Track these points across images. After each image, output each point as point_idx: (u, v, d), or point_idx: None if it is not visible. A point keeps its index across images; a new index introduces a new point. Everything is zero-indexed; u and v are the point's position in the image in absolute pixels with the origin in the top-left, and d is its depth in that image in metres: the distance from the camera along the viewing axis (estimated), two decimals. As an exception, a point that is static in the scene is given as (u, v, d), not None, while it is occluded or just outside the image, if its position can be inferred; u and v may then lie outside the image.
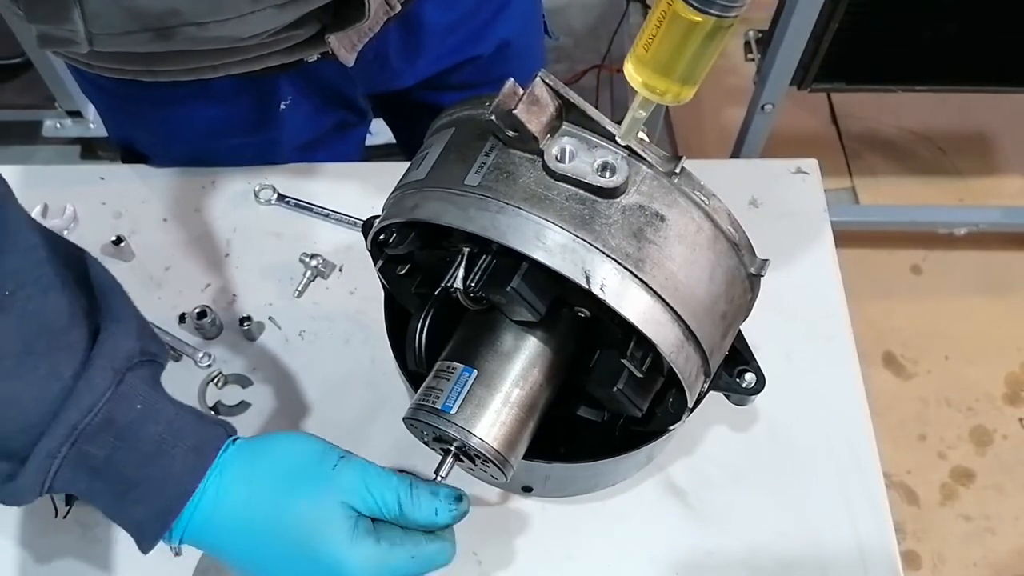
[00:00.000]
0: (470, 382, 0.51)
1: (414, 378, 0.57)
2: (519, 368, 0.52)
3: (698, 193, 0.48)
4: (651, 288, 0.46)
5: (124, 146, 0.87)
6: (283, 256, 0.76)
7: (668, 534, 0.66)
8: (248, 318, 0.72)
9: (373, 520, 0.49)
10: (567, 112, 0.48)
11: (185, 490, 0.46)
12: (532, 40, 0.91)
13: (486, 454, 0.50)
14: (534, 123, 0.46)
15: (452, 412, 0.50)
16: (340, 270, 0.77)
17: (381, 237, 0.53)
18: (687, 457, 0.68)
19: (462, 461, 0.53)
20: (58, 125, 1.73)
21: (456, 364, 0.52)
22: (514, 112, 0.45)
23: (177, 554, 0.63)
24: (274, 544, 0.47)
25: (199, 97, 0.76)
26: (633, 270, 0.45)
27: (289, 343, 0.73)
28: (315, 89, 0.79)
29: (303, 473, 0.48)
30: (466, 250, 0.50)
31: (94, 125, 1.73)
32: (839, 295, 0.76)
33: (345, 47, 0.66)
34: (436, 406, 0.51)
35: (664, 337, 0.47)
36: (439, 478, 0.51)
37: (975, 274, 1.71)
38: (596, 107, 0.48)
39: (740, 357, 0.58)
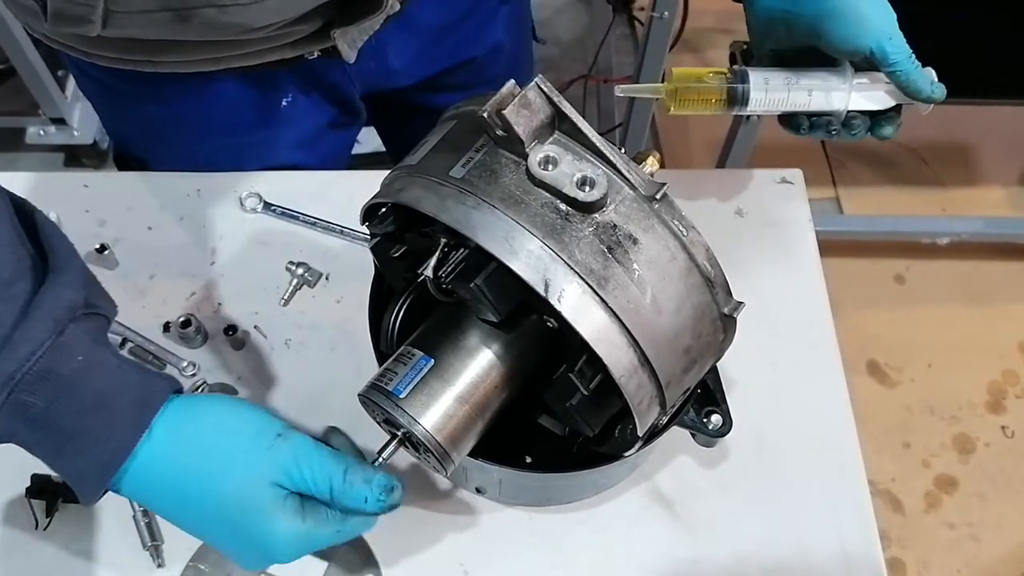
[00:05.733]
0: (425, 370, 0.51)
1: (385, 361, 0.57)
2: (477, 366, 0.52)
3: (677, 222, 0.48)
4: (611, 308, 0.46)
5: (121, 149, 0.87)
6: (269, 264, 0.76)
7: (654, 543, 0.66)
8: (233, 327, 0.72)
9: (302, 495, 0.49)
10: (560, 121, 0.48)
11: (127, 444, 0.45)
12: (523, 43, 0.93)
13: (428, 445, 0.50)
14: (523, 126, 0.46)
15: (401, 397, 0.50)
16: (326, 278, 0.76)
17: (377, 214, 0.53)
18: (673, 466, 0.69)
19: (407, 447, 0.53)
20: (41, 132, 1.72)
21: (416, 351, 0.52)
22: (503, 112, 0.45)
23: (160, 565, 0.63)
24: (202, 510, 0.47)
25: (201, 95, 0.75)
26: (595, 287, 0.45)
27: (275, 352, 0.73)
28: (314, 87, 0.79)
29: (237, 448, 0.47)
30: (443, 241, 0.50)
31: (78, 132, 1.72)
32: (823, 304, 0.77)
33: (347, 43, 0.66)
34: (388, 388, 0.51)
35: (616, 359, 0.46)
36: (380, 459, 0.51)
37: (958, 283, 1.73)
38: (583, 117, 0.48)
39: (711, 397, 0.58)
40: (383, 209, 0.53)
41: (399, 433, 0.51)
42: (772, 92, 0.61)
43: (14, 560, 0.63)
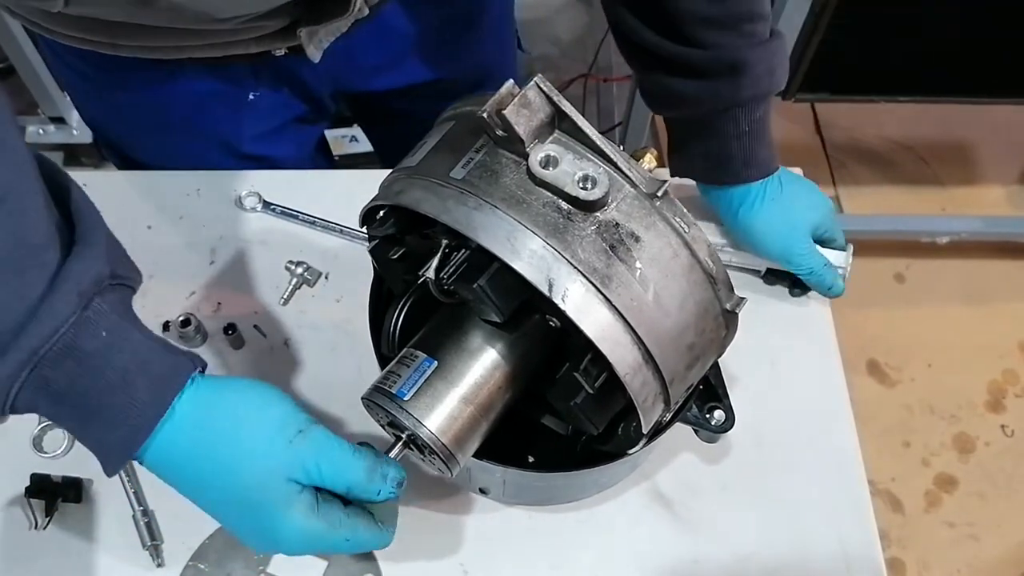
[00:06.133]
0: (429, 372, 0.51)
1: (387, 363, 0.56)
2: (480, 367, 0.52)
3: (679, 219, 0.48)
4: (614, 307, 0.46)
5: (94, 132, 0.87)
6: (268, 264, 0.76)
7: (654, 543, 0.66)
8: (233, 326, 0.72)
9: (322, 493, 0.49)
10: (560, 120, 0.48)
11: (148, 422, 0.45)
12: (504, 55, 0.92)
13: (433, 447, 0.50)
14: (523, 126, 0.46)
15: (406, 399, 0.50)
16: (326, 278, 0.76)
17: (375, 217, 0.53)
18: (673, 465, 0.69)
19: (411, 449, 0.53)
20: (41, 131, 1.72)
21: (419, 353, 0.52)
22: (504, 112, 0.45)
23: (160, 565, 0.63)
24: (217, 494, 0.48)
25: (167, 85, 0.75)
26: (598, 286, 0.45)
27: (274, 351, 0.73)
28: (282, 82, 0.79)
29: (257, 439, 0.47)
30: (444, 242, 0.50)
31: (77, 132, 1.72)
32: (823, 303, 0.77)
33: (314, 44, 0.66)
34: (392, 390, 0.51)
35: (621, 357, 0.46)
36: None
37: (957, 282, 1.73)
38: (582, 116, 0.48)
39: (713, 393, 0.58)
40: (382, 212, 0.53)
41: (404, 436, 0.51)
42: None
43: (13, 560, 0.63)
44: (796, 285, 0.76)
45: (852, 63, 1.32)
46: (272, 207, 0.79)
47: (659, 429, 0.56)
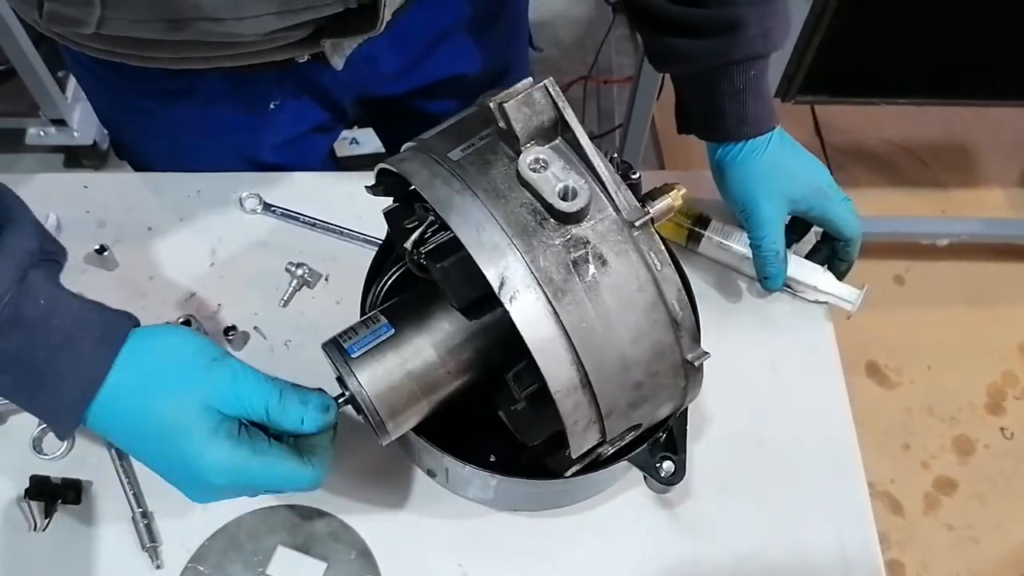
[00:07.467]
0: (383, 338, 0.52)
1: None
2: (433, 348, 0.52)
3: (654, 255, 0.47)
4: (560, 322, 0.45)
5: (111, 136, 0.88)
6: (268, 265, 0.76)
7: (654, 543, 0.66)
8: (233, 328, 0.72)
9: (246, 425, 0.50)
10: (563, 129, 0.48)
11: (95, 378, 0.47)
12: (517, 53, 0.93)
13: (366, 410, 0.51)
14: (521, 123, 0.46)
15: (353, 356, 0.51)
16: (326, 279, 0.76)
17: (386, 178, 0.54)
18: (673, 467, 0.69)
19: (357, 413, 0.53)
20: (41, 133, 1.73)
21: (382, 318, 0.53)
22: (505, 105, 0.46)
23: (159, 567, 0.63)
24: (142, 435, 0.49)
25: (190, 95, 0.76)
26: (550, 297, 0.45)
27: (275, 353, 0.73)
28: (304, 90, 0.80)
29: (175, 371, 0.49)
30: (430, 219, 0.51)
31: (78, 133, 1.72)
32: (823, 305, 0.77)
33: (337, 52, 0.67)
34: (344, 345, 0.52)
35: (555, 373, 0.45)
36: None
37: (957, 284, 1.73)
38: (583, 117, 0.48)
39: (670, 444, 0.57)
40: (385, 175, 0.53)
41: (346, 393, 0.52)
42: (713, 251, 0.77)
43: (12, 562, 0.63)
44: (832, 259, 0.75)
45: (852, 65, 1.32)
46: (272, 209, 0.79)
47: (599, 461, 0.55)
